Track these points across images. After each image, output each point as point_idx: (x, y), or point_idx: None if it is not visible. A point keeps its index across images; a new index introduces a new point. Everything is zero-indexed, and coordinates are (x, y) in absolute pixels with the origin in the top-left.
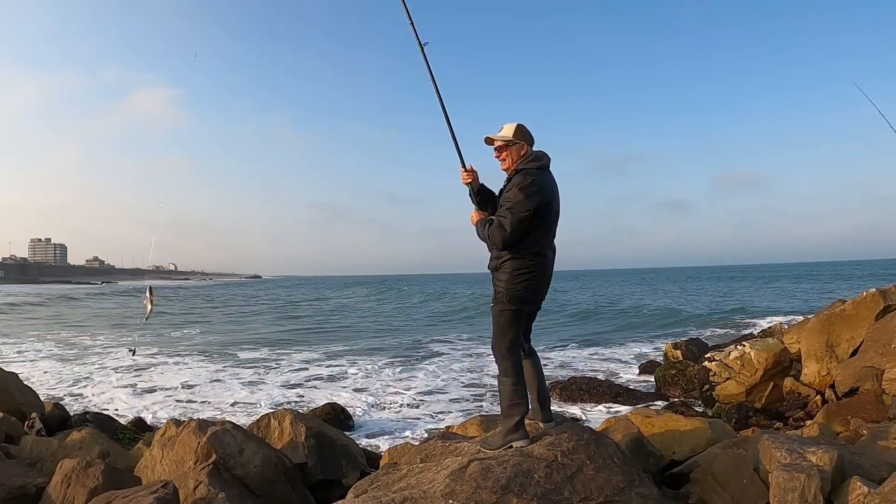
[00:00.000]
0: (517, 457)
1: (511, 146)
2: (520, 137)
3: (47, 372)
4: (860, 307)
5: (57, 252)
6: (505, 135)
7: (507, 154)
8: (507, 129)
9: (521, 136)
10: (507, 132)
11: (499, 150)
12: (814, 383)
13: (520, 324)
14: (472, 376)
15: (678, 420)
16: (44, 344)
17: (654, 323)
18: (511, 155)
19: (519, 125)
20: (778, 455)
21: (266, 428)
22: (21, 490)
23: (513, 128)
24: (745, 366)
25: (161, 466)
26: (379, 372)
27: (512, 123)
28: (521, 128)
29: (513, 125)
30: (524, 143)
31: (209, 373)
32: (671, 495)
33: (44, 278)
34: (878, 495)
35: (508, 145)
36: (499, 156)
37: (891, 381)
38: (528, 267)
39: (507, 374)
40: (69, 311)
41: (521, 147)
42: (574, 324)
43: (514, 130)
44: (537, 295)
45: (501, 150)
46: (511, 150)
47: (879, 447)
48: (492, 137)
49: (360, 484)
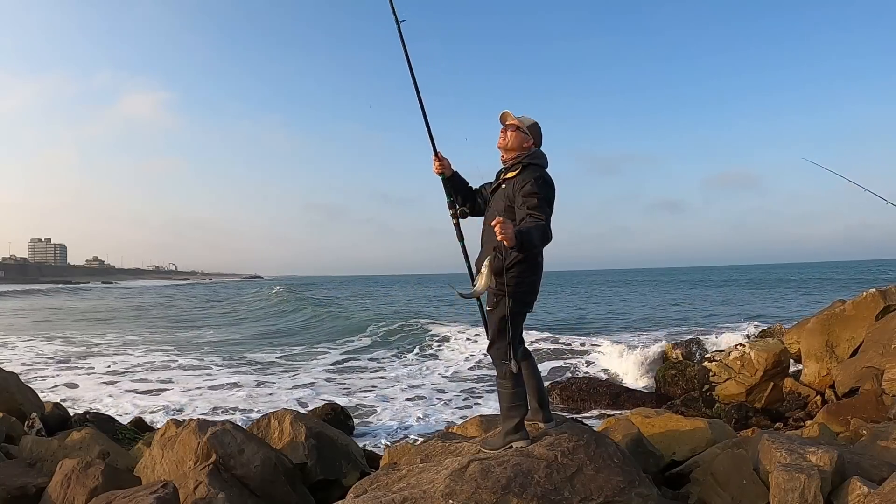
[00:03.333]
0: (517, 457)
1: (519, 132)
2: (531, 132)
3: (48, 372)
4: (860, 307)
5: (57, 252)
6: (520, 121)
7: (512, 136)
8: (526, 119)
9: (533, 131)
10: (523, 120)
11: (508, 128)
12: (814, 383)
13: (521, 325)
14: (472, 376)
15: (678, 420)
16: (50, 343)
17: (656, 323)
18: (514, 139)
19: (536, 122)
20: (778, 455)
21: (266, 428)
22: (21, 490)
23: (530, 120)
24: (745, 366)
25: (161, 466)
26: (379, 372)
27: (531, 117)
28: (537, 126)
29: (531, 119)
30: (531, 139)
31: (208, 372)
32: (671, 495)
33: (44, 278)
34: (878, 495)
35: (519, 130)
36: (503, 133)
37: (891, 381)
38: (535, 266)
39: (507, 376)
40: (75, 308)
41: (527, 140)
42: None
43: (531, 124)
44: (537, 294)
45: (507, 131)
46: (516, 135)
47: (879, 447)
48: (509, 114)
49: (360, 484)
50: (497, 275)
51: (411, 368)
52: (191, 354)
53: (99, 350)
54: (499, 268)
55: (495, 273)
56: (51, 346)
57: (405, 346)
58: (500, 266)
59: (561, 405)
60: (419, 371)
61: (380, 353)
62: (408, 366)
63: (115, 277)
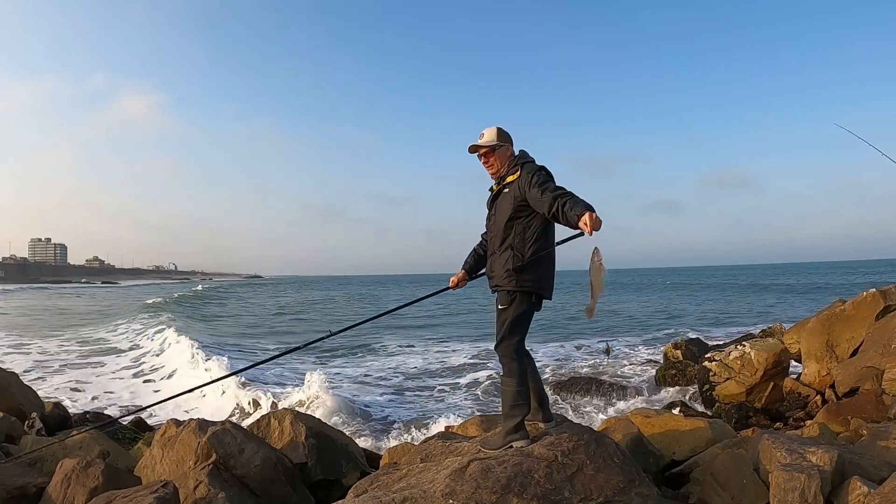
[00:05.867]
0: (517, 457)
1: (497, 150)
2: (503, 140)
3: (48, 372)
4: (860, 307)
5: (57, 252)
6: (489, 140)
7: (495, 159)
8: (489, 134)
9: (503, 138)
10: (489, 136)
11: (485, 156)
12: (814, 383)
13: (528, 324)
14: (472, 376)
15: (678, 420)
16: (56, 341)
17: (654, 323)
18: (498, 159)
19: (498, 128)
20: (778, 455)
21: (266, 428)
22: (21, 490)
23: (493, 131)
24: (745, 366)
25: (161, 466)
26: (379, 371)
27: (491, 127)
28: (501, 130)
29: (493, 129)
30: (507, 145)
31: (207, 373)
32: (671, 495)
33: (44, 278)
34: (878, 495)
35: (494, 150)
36: (486, 162)
37: (891, 381)
38: (552, 259)
39: (513, 374)
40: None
41: (506, 149)
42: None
43: (497, 134)
44: (552, 291)
45: (488, 156)
46: (498, 154)
47: (879, 447)
48: (477, 145)
49: (360, 484)
50: (517, 272)
51: (411, 368)
52: (190, 354)
53: (102, 349)
54: (518, 265)
55: (515, 270)
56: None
57: (405, 346)
58: (519, 263)
59: (561, 405)
60: (419, 370)
61: (380, 353)
62: (407, 365)
63: (116, 277)
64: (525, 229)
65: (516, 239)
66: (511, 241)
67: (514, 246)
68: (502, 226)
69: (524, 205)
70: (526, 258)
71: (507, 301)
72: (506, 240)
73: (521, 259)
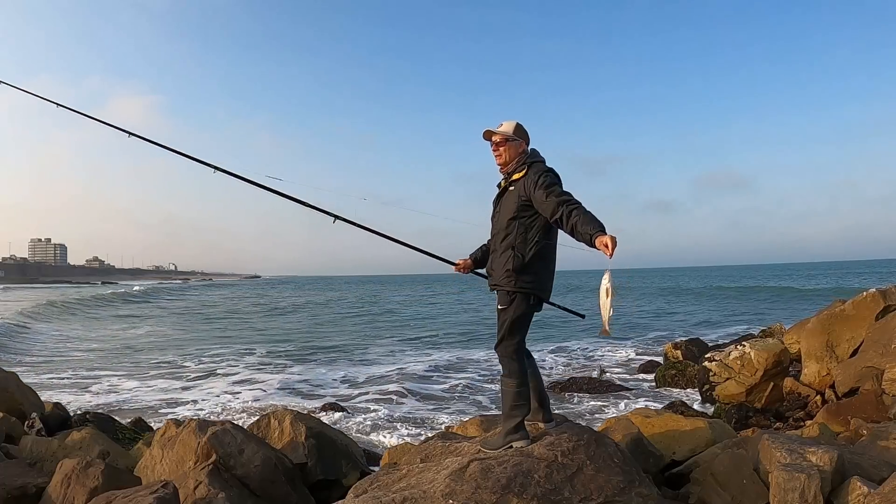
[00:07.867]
0: (517, 457)
1: (510, 142)
2: (519, 135)
3: (50, 371)
4: (860, 307)
5: (57, 252)
6: (505, 130)
7: (505, 150)
8: (507, 126)
9: (520, 134)
10: (507, 128)
11: (497, 144)
12: (814, 383)
13: (528, 325)
14: (472, 375)
15: (678, 420)
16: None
17: (653, 324)
18: (509, 151)
19: (518, 123)
20: (778, 455)
21: (266, 428)
22: (21, 490)
23: (512, 125)
24: (745, 366)
25: (161, 466)
26: (378, 371)
27: (511, 121)
28: (520, 126)
29: (512, 123)
30: (522, 142)
31: (207, 373)
32: (671, 495)
33: (44, 278)
34: (878, 495)
35: (507, 141)
36: (496, 150)
37: (891, 381)
38: (553, 261)
39: (513, 375)
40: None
41: (520, 145)
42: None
43: (515, 128)
44: (551, 291)
45: (500, 146)
46: (510, 147)
47: (879, 447)
48: (492, 131)
49: (360, 484)
50: (516, 273)
51: (411, 368)
52: (190, 353)
53: (104, 348)
54: (518, 266)
55: (515, 271)
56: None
57: (404, 346)
58: (519, 264)
59: (561, 405)
60: (418, 371)
61: (379, 353)
62: (407, 365)
63: (115, 277)
64: (527, 230)
65: (518, 239)
66: (512, 241)
67: (516, 246)
68: (504, 224)
69: (528, 204)
70: (526, 259)
71: (507, 301)
72: (507, 238)
73: (522, 260)
